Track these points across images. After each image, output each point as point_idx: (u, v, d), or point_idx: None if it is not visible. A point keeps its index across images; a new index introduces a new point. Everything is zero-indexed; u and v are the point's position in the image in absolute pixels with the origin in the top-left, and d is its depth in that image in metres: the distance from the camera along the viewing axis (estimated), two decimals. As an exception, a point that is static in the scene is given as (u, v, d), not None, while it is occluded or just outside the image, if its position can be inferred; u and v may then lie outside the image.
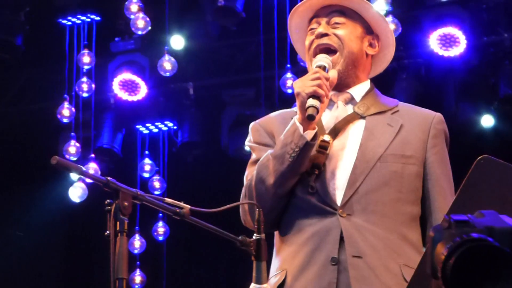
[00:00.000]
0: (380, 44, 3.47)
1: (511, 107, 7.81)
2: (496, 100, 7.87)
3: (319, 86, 3.16)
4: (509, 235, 1.61)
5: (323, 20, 3.38)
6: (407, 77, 7.80)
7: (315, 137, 3.17)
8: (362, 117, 3.32)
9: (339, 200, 3.18)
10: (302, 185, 3.22)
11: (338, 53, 3.33)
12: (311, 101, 3.14)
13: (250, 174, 3.31)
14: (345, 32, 3.36)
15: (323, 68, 3.25)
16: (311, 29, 3.40)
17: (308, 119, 3.13)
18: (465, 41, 7.51)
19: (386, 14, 7.23)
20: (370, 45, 3.43)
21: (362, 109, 3.33)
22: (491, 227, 1.61)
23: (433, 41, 7.55)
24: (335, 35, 3.34)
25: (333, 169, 3.22)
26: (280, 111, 3.48)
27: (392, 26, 7.23)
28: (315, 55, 3.34)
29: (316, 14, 3.41)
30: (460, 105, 7.89)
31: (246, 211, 3.26)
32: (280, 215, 3.26)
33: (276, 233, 3.30)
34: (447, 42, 7.53)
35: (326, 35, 3.34)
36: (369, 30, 3.43)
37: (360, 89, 3.38)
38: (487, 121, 8.06)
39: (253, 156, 3.36)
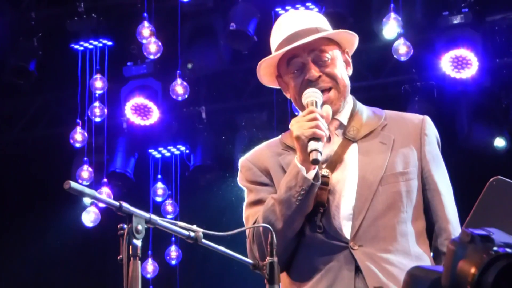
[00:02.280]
0: (350, 57, 3.39)
1: (524, 129, 7.81)
2: (509, 122, 7.85)
3: (317, 127, 3.10)
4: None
5: (308, 60, 3.26)
6: (419, 100, 7.79)
7: (317, 176, 3.13)
8: (354, 141, 3.28)
9: (347, 233, 3.16)
10: (309, 224, 3.19)
11: (334, 90, 3.26)
12: (313, 145, 3.09)
13: (251, 216, 3.27)
14: (335, 68, 3.27)
15: (315, 103, 3.18)
16: (296, 71, 3.27)
17: (313, 163, 3.09)
18: (477, 63, 7.51)
19: (398, 37, 7.24)
20: (346, 63, 3.35)
21: (353, 133, 3.28)
22: (508, 244, 1.61)
23: (445, 63, 7.55)
24: (326, 74, 3.25)
25: (337, 203, 3.19)
26: (266, 144, 3.42)
27: (404, 49, 7.25)
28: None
29: (294, 54, 3.27)
30: (473, 127, 7.87)
31: (255, 250, 3.21)
32: (290, 257, 3.23)
33: (283, 274, 3.24)
34: (459, 64, 7.53)
35: (319, 77, 3.24)
36: (340, 47, 3.35)
37: (346, 112, 3.32)
38: (500, 143, 8.05)
39: (251, 197, 3.30)
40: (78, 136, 8.15)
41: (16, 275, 8.90)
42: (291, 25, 3.30)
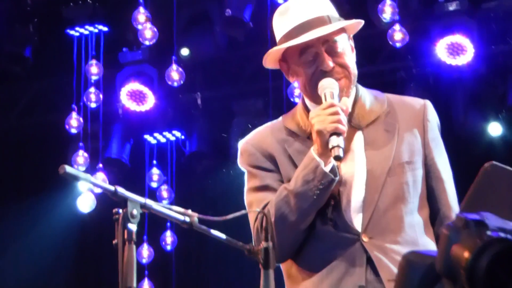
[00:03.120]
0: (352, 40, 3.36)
1: (519, 116, 7.81)
2: (504, 109, 7.86)
3: (339, 121, 3.08)
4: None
5: (322, 50, 3.22)
6: (415, 86, 7.79)
7: (333, 169, 3.11)
8: (359, 129, 3.26)
9: (358, 225, 3.16)
10: (320, 216, 3.17)
11: (345, 79, 3.22)
12: (334, 140, 3.06)
13: (256, 202, 3.25)
14: (347, 59, 3.24)
15: (332, 95, 3.15)
16: (310, 60, 3.23)
17: (336, 159, 3.06)
18: (473, 50, 7.51)
19: (393, 23, 7.24)
20: (352, 48, 3.32)
21: (358, 121, 3.26)
22: (502, 228, 1.62)
23: (441, 50, 7.55)
24: (339, 65, 3.22)
25: (347, 196, 3.18)
26: (268, 127, 3.38)
27: (399, 35, 7.25)
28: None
29: (308, 44, 3.22)
30: (469, 113, 7.87)
31: (262, 234, 3.20)
32: (299, 248, 3.22)
33: (290, 262, 3.25)
34: (455, 50, 7.53)
35: (333, 68, 3.21)
36: (346, 32, 3.31)
37: (350, 98, 3.28)
38: (495, 129, 8.05)
39: (255, 182, 3.28)
40: (74, 122, 8.14)
41: (13, 260, 8.91)
42: (300, 12, 3.25)
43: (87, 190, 8.19)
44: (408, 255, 1.83)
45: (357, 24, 3.32)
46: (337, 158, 3.06)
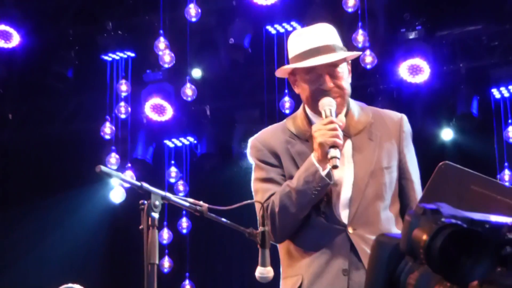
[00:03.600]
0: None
1: (466, 123, 7.80)
2: (454, 117, 7.86)
3: (337, 136, 3.08)
4: (468, 222, 1.62)
5: (324, 73, 3.20)
6: (382, 100, 7.79)
7: (329, 174, 3.11)
8: (349, 137, 3.24)
9: (345, 219, 3.16)
10: (315, 209, 3.17)
11: (340, 98, 3.20)
12: (333, 152, 3.07)
13: (261, 191, 3.24)
14: (344, 81, 3.23)
15: (331, 112, 3.14)
16: (313, 80, 3.20)
17: (333, 168, 3.08)
18: (429, 70, 7.51)
19: (365, 49, 7.24)
20: (349, 72, 3.31)
21: (348, 130, 3.24)
22: (454, 216, 1.62)
23: (403, 70, 7.55)
24: (337, 86, 3.20)
25: (337, 193, 3.17)
26: (274, 128, 3.36)
27: (369, 59, 7.24)
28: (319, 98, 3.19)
29: (314, 66, 3.19)
30: (425, 121, 7.88)
31: (267, 221, 3.16)
32: (295, 233, 3.21)
33: (287, 242, 3.23)
34: (414, 71, 7.53)
35: (331, 88, 3.19)
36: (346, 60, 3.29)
37: (343, 111, 3.27)
38: (447, 134, 8.05)
39: (261, 174, 3.26)
40: (107, 129, 8.14)
41: (56, 243, 8.89)
42: (312, 38, 3.23)
43: (118, 185, 8.18)
44: (378, 237, 1.82)
45: (356, 54, 3.34)
46: (334, 167, 3.08)
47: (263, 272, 2.87)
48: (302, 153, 3.22)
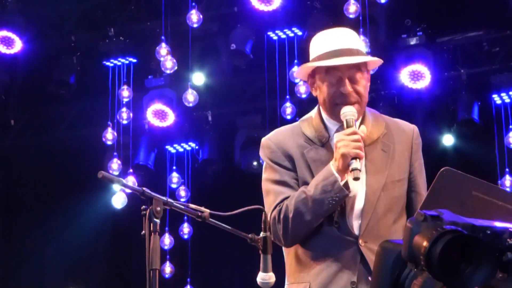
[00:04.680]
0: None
1: (467, 128, 7.80)
2: (455, 123, 7.85)
3: (360, 148, 3.04)
4: (469, 228, 1.61)
5: (345, 76, 3.16)
6: (383, 105, 7.79)
7: (346, 184, 3.07)
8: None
9: (356, 231, 3.12)
10: (327, 219, 3.13)
11: (357, 105, 3.16)
12: (355, 164, 3.02)
13: (273, 194, 3.19)
14: (363, 88, 3.18)
15: (353, 122, 3.10)
16: (333, 82, 3.16)
17: (355, 180, 3.03)
18: (430, 76, 7.50)
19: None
20: (368, 80, 3.26)
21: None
22: (455, 222, 1.61)
23: (404, 76, 7.55)
24: (356, 92, 3.17)
25: (351, 204, 3.13)
26: (289, 130, 3.28)
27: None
28: (340, 104, 3.16)
29: (336, 67, 3.15)
30: (426, 127, 7.87)
31: (279, 225, 3.13)
32: (305, 241, 3.17)
33: (294, 247, 3.19)
34: (415, 76, 7.53)
35: (350, 92, 3.16)
36: (366, 67, 3.25)
37: (359, 119, 3.22)
38: (448, 140, 8.05)
39: (275, 176, 3.21)
40: (109, 135, 8.14)
41: (59, 247, 8.89)
42: (336, 40, 3.18)
43: (120, 190, 8.17)
44: (382, 243, 1.82)
45: (378, 61, 3.29)
46: (356, 179, 3.04)
47: (264, 278, 2.86)
48: (318, 160, 3.17)
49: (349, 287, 3.09)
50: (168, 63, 7.69)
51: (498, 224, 1.63)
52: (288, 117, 7.59)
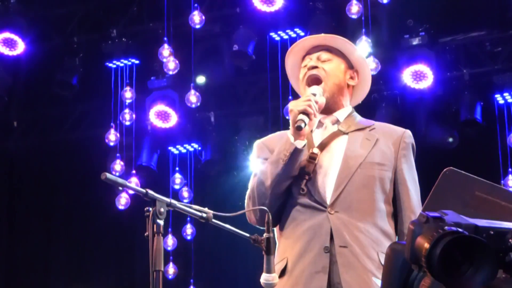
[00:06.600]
0: (359, 77, 3.45)
1: (470, 129, 7.80)
2: (458, 124, 7.85)
3: (309, 105, 3.15)
4: (472, 229, 1.61)
5: (314, 56, 3.36)
6: (386, 106, 7.79)
7: (304, 146, 3.16)
8: (345, 133, 3.30)
9: (328, 200, 3.18)
10: (296, 188, 3.20)
11: (323, 83, 3.31)
12: (300, 116, 3.14)
13: (251, 182, 3.30)
14: (331, 66, 3.35)
15: (314, 95, 3.25)
16: (305, 65, 3.38)
17: (297, 129, 3.12)
18: (432, 76, 7.50)
19: (368, 55, 7.24)
20: (351, 77, 3.41)
21: (345, 127, 3.31)
22: (458, 223, 1.61)
23: (407, 76, 7.55)
24: (323, 68, 3.33)
25: (323, 175, 3.21)
26: (277, 134, 3.45)
27: (373, 65, 7.24)
28: (307, 84, 3.33)
29: (308, 52, 3.40)
30: (429, 128, 7.87)
31: (251, 212, 3.24)
32: (279, 212, 3.24)
33: (276, 228, 3.28)
34: (418, 77, 7.53)
35: (315, 67, 3.33)
36: (350, 65, 3.42)
37: (343, 113, 3.36)
38: (451, 140, 8.03)
39: (258, 167, 3.32)
40: (112, 136, 8.14)
41: (63, 249, 8.90)
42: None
43: (123, 192, 8.18)
44: (392, 245, 1.83)
45: (362, 61, 3.44)
46: (298, 128, 3.12)
47: (268, 278, 2.87)
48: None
49: (322, 253, 3.12)
50: (171, 64, 7.70)
51: (501, 224, 1.63)
52: (291, 118, 7.59)
